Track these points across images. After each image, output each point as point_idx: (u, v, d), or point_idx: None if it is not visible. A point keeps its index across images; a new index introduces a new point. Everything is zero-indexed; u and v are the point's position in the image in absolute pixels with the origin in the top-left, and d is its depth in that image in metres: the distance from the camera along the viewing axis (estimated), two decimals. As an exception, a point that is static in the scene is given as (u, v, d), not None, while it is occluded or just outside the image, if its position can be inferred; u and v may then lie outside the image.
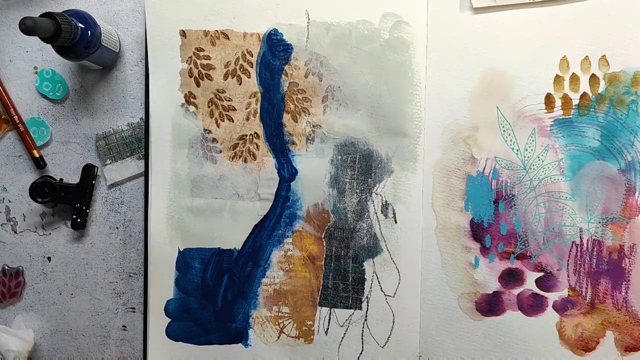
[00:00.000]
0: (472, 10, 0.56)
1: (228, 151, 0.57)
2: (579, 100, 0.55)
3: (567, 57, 0.55)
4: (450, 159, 0.56)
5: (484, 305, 0.56)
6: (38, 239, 0.60)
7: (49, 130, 0.59)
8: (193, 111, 0.57)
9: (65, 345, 0.60)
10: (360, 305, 0.57)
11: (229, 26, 0.57)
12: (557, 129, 0.56)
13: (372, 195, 0.57)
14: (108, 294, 0.60)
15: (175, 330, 0.58)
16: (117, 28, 0.59)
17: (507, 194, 0.56)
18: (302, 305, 0.57)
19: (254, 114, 0.57)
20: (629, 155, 0.55)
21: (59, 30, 0.47)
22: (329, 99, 0.57)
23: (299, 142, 0.57)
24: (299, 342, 0.57)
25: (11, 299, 0.60)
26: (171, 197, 0.57)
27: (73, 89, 0.59)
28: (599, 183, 0.55)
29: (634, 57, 0.55)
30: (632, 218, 0.55)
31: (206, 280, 0.57)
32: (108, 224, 0.59)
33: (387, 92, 0.56)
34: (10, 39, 0.59)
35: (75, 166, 0.59)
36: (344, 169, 0.57)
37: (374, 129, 0.56)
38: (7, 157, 0.59)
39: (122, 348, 0.60)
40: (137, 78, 0.59)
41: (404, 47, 0.56)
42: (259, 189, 0.57)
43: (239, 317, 0.58)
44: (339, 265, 0.57)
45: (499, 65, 0.56)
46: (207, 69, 0.57)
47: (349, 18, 0.56)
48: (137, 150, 0.59)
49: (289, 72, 0.57)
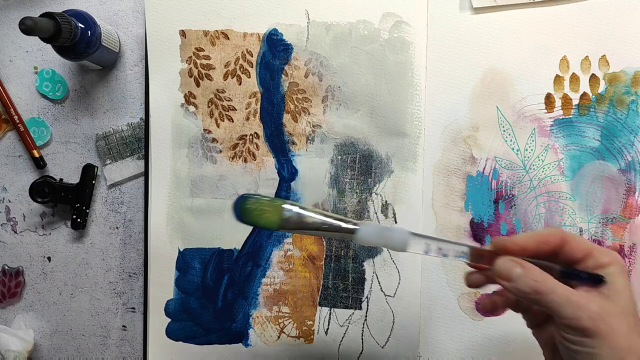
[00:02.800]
0: (472, 10, 0.56)
1: (228, 151, 0.57)
2: (579, 100, 0.55)
3: (567, 57, 0.55)
4: (450, 159, 0.56)
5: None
6: (38, 239, 0.60)
7: (49, 130, 0.59)
8: (193, 111, 0.57)
9: (65, 345, 0.60)
10: (360, 305, 0.57)
11: (229, 26, 0.57)
12: (557, 129, 0.56)
13: (372, 195, 0.57)
14: (108, 294, 0.60)
15: (175, 330, 0.58)
16: (117, 28, 0.59)
17: (507, 194, 0.56)
18: (302, 305, 0.57)
19: (254, 114, 0.57)
20: (629, 155, 0.55)
21: (59, 30, 0.47)
22: (329, 99, 0.57)
23: (299, 142, 0.57)
24: (299, 342, 0.57)
25: (11, 299, 0.60)
26: (171, 197, 0.57)
27: (73, 89, 0.59)
28: (599, 183, 0.55)
29: (634, 57, 0.55)
30: (632, 218, 0.55)
31: (206, 280, 0.57)
32: (108, 224, 0.59)
33: (387, 92, 0.56)
34: (10, 39, 0.59)
35: (75, 166, 0.59)
36: (344, 169, 0.57)
37: (374, 129, 0.56)
38: (7, 157, 0.59)
39: (122, 348, 0.60)
40: (137, 78, 0.59)
41: (404, 47, 0.56)
42: (259, 189, 0.57)
43: (239, 317, 0.58)
44: (339, 265, 0.57)
45: (499, 65, 0.56)
46: (207, 69, 0.57)
47: (349, 18, 0.56)
48: (137, 150, 0.59)
49: (289, 72, 0.57)
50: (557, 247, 0.40)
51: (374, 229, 0.41)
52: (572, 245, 0.39)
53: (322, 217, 0.41)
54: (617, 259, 0.38)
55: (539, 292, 0.37)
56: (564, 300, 0.37)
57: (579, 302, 0.36)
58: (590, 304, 0.36)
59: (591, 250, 0.39)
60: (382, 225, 0.48)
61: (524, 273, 0.38)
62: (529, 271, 0.38)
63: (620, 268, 0.38)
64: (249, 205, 0.42)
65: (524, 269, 0.38)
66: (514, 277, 0.38)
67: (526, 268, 0.38)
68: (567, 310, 0.37)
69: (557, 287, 0.37)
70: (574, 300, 0.37)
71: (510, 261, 0.39)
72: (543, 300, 0.37)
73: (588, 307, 0.36)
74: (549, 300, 0.37)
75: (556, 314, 0.37)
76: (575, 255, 0.39)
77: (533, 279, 0.38)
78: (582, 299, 0.37)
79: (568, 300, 0.37)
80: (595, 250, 0.39)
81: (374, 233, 0.41)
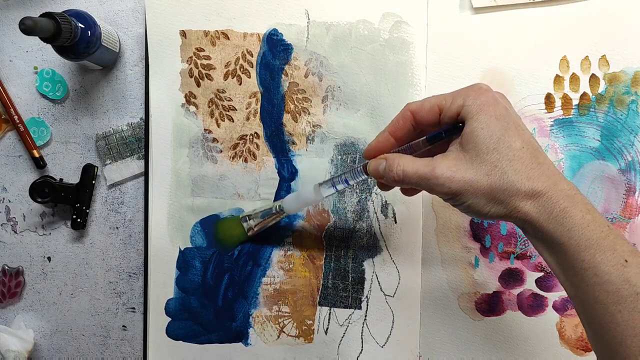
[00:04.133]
0: (472, 10, 0.56)
1: (228, 151, 0.57)
2: (579, 100, 0.55)
3: (567, 57, 0.55)
4: (450, 158, 0.56)
5: (484, 305, 0.56)
6: (38, 239, 0.60)
7: (49, 130, 0.59)
8: (193, 111, 0.57)
9: (65, 345, 0.60)
10: (360, 305, 0.57)
11: (229, 26, 0.57)
12: (557, 129, 0.56)
13: (372, 195, 0.57)
14: (108, 294, 0.60)
15: (175, 330, 0.58)
16: (117, 28, 0.59)
17: (507, 194, 0.56)
18: (302, 304, 0.57)
19: (254, 114, 0.57)
20: (629, 155, 0.55)
21: (59, 30, 0.47)
22: (329, 99, 0.57)
23: (299, 142, 0.57)
24: (299, 342, 0.57)
25: (11, 299, 0.60)
26: (172, 196, 0.57)
27: (73, 89, 0.59)
28: (599, 183, 0.55)
29: (634, 57, 0.55)
30: (632, 218, 0.55)
31: (207, 280, 0.57)
32: (108, 224, 0.59)
33: (387, 92, 0.56)
34: (10, 39, 0.59)
35: (75, 166, 0.59)
36: (344, 169, 0.57)
37: (374, 129, 0.56)
38: (7, 157, 0.59)
39: (122, 348, 0.60)
40: (137, 78, 0.59)
41: (404, 47, 0.56)
42: (259, 189, 0.57)
43: (239, 317, 0.58)
44: (338, 265, 0.57)
45: (499, 65, 0.56)
46: (207, 69, 0.57)
47: (349, 18, 0.56)
48: (137, 150, 0.59)
49: (289, 72, 0.57)
50: (412, 124, 0.41)
51: (292, 197, 0.52)
52: (421, 113, 0.40)
53: (261, 211, 0.54)
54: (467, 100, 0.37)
55: (401, 180, 0.39)
56: (418, 178, 0.38)
57: (428, 174, 0.37)
58: (436, 170, 0.37)
59: (440, 104, 0.39)
60: (297, 191, 0.53)
61: (386, 165, 0.40)
62: (388, 161, 0.40)
63: (473, 106, 0.37)
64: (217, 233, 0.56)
65: (385, 160, 0.40)
66: (382, 172, 0.41)
67: (387, 159, 0.40)
68: (425, 184, 0.38)
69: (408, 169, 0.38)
70: (422, 172, 0.37)
71: (375, 160, 0.42)
72: (408, 184, 0.39)
73: (435, 174, 0.37)
74: (412, 183, 0.39)
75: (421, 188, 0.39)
76: (429, 118, 0.40)
77: (390, 170, 0.39)
78: (429, 169, 0.37)
79: (421, 177, 0.37)
80: (445, 102, 0.39)
81: (293, 200, 0.51)
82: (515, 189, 0.36)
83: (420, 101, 0.41)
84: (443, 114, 0.39)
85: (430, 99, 0.40)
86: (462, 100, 0.38)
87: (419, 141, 0.41)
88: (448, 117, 0.39)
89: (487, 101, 0.37)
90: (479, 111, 0.37)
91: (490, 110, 0.37)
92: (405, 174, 0.38)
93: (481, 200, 0.36)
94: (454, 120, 0.39)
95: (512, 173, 0.36)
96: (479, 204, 0.37)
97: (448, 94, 0.39)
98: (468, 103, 0.37)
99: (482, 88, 0.38)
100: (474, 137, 0.36)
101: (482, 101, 0.37)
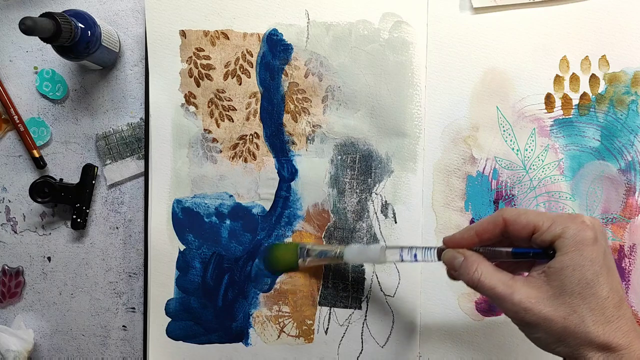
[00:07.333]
0: (472, 10, 0.56)
1: (228, 151, 0.57)
2: (579, 100, 0.55)
3: (567, 57, 0.55)
4: (450, 159, 0.56)
5: (484, 305, 0.56)
6: (38, 239, 0.60)
7: (49, 130, 0.59)
8: (193, 111, 0.57)
9: (65, 345, 0.60)
10: (360, 305, 0.57)
11: (229, 26, 0.57)
12: (557, 129, 0.56)
13: (372, 195, 0.57)
14: (108, 294, 0.60)
15: (175, 330, 0.58)
16: (117, 28, 0.59)
17: (507, 194, 0.56)
18: (302, 304, 0.57)
19: (254, 114, 0.57)
20: (629, 155, 0.55)
21: (59, 30, 0.47)
22: (329, 99, 0.57)
23: (299, 142, 0.57)
24: (299, 341, 0.57)
25: (11, 299, 0.60)
26: (172, 196, 0.57)
27: (73, 89, 0.59)
28: (599, 183, 0.55)
29: (634, 57, 0.55)
30: (632, 218, 0.55)
31: (207, 280, 0.58)
32: (108, 224, 0.59)
33: (387, 92, 0.56)
34: (10, 39, 0.59)
35: (75, 166, 0.59)
36: (344, 169, 0.57)
37: (374, 129, 0.56)
38: (7, 157, 0.59)
39: (122, 348, 0.60)
40: (137, 78, 0.59)
41: (404, 47, 0.56)
42: (259, 189, 0.57)
43: (239, 317, 0.58)
44: (338, 265, 0.57)
45: (499, 65, 0.56)
46: (207, 69, 0.57)
47: (349, 18, 0.56)
48: (137, 150, 0.59)
49: (289, 72, 0.57)
50: (502, 231, 0.39)
51: (355, 249, 0.50)
52: (515, 226, 0.38)
53: (320, 250, 0.54)
54: (566, 231, 0.36)
55: (474, 286, 0.38)
56: (493, 295, 0.36)
57: (506, 297, 0.36)
58: (515, 295, 0.35)
59: (537, 225, 0.37)
60: (362, 245, 0.52)
61: (464, 263, 0.39)
62: (467, 261, 0.38)
63: (570, 240, 0.35)
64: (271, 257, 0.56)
65: (464, 258, 0.39)
66: (456, 266, 0.40)
67: (467, 259, 0.39)
68: (498, 304, 0.37)
69: (485, 280, 0.37)
70: (499, 292, 0.36)
71: (452, 252, 0.40)
72: (480, 292, 0.38)
73: (513, 299, 0.35)
74: (485, 295, 0.37)
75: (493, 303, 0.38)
76: (521, 233, 0.38)
77: (466, 271, 0.38)
78: (508, 292, 0.36)
79: (497, 296, 0.36)
80: (543, 224, 0.37)
81: (356, 252, 0.50)
82: (588, 339, 0.34)
83: (516, 212, 0.38)
84: (536, 235, 0.37)
85: (528, 214, 0.38)
86: (561, 230, 0.36)
87: (502, 251, 0.39)
88: (541, 240, 0.37)
89: (585, 240, 0.35)
90: (575, 249, 0.35)
91: (587, 252, 0.35)
92: (480, 283, 0.37)
93: (551, 338, 0.35)
94: (546, 246, 0.37)
95: (590, 323, 0.34)
96: (547, 340, 0.36)
97: (547, 215, 0.37)
98: (566, 236, 0.35)
99: (585, 223, 0.36)
100: (562, 276, 0.35)
101: (581, 238, 0.35)
